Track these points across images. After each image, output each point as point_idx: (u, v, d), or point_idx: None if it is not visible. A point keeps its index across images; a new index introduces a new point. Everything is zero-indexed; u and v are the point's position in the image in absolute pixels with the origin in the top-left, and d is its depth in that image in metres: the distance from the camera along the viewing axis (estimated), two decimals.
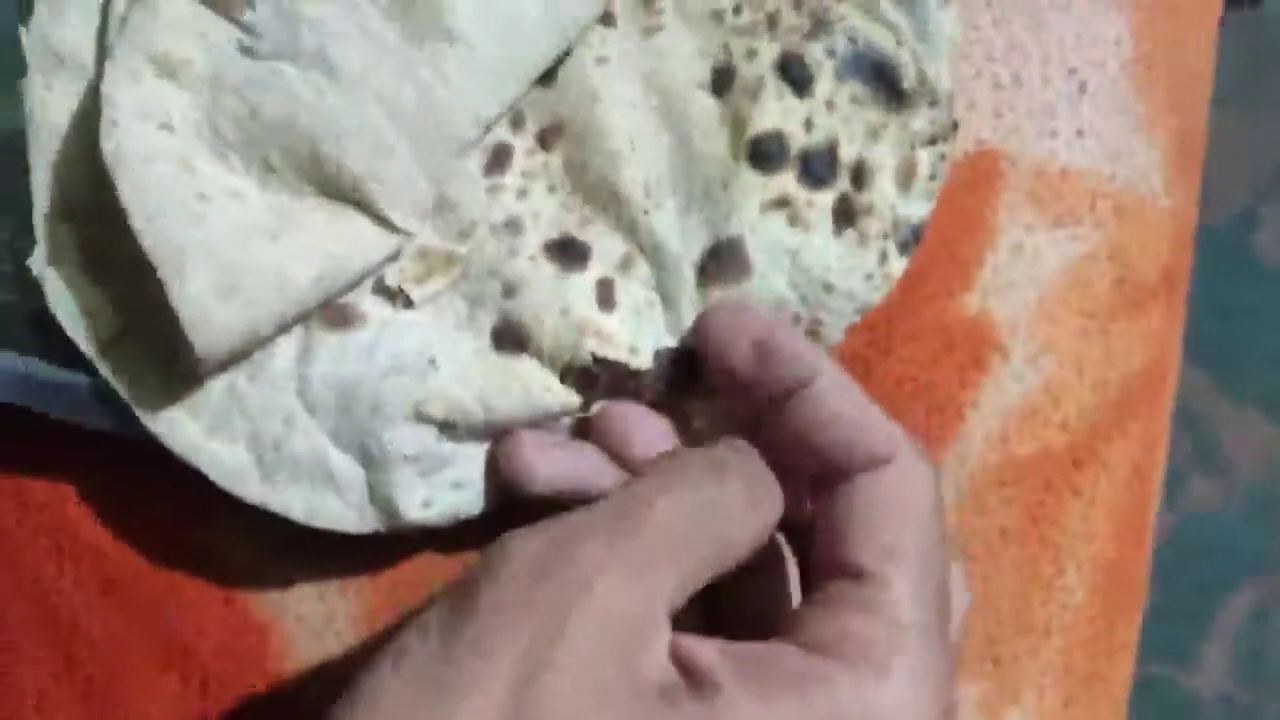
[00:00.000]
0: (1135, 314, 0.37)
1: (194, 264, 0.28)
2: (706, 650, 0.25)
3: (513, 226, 0.31)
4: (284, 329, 0.30)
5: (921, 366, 0.36)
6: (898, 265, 0.33)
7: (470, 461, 0.31)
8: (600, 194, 0.32)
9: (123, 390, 0.30)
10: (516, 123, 0.32)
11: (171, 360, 0.29)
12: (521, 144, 0.32)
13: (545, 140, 0.32)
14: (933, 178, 0.32)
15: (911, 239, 0.33)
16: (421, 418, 0.31)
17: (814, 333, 0.32)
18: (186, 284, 0.28)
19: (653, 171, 0.32)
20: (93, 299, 0.30)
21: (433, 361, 0.31)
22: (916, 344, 0.36)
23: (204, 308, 0.28)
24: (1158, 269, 0.37)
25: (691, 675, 0.25)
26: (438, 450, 0.31)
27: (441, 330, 0.31)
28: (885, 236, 0.32)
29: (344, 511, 0.31)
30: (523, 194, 0.32)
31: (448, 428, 0.31)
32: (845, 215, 0.32)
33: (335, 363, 0.30)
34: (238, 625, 0.34)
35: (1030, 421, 0.37)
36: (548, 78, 0.32)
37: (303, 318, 0.30)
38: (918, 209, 0.32)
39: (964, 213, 0.36)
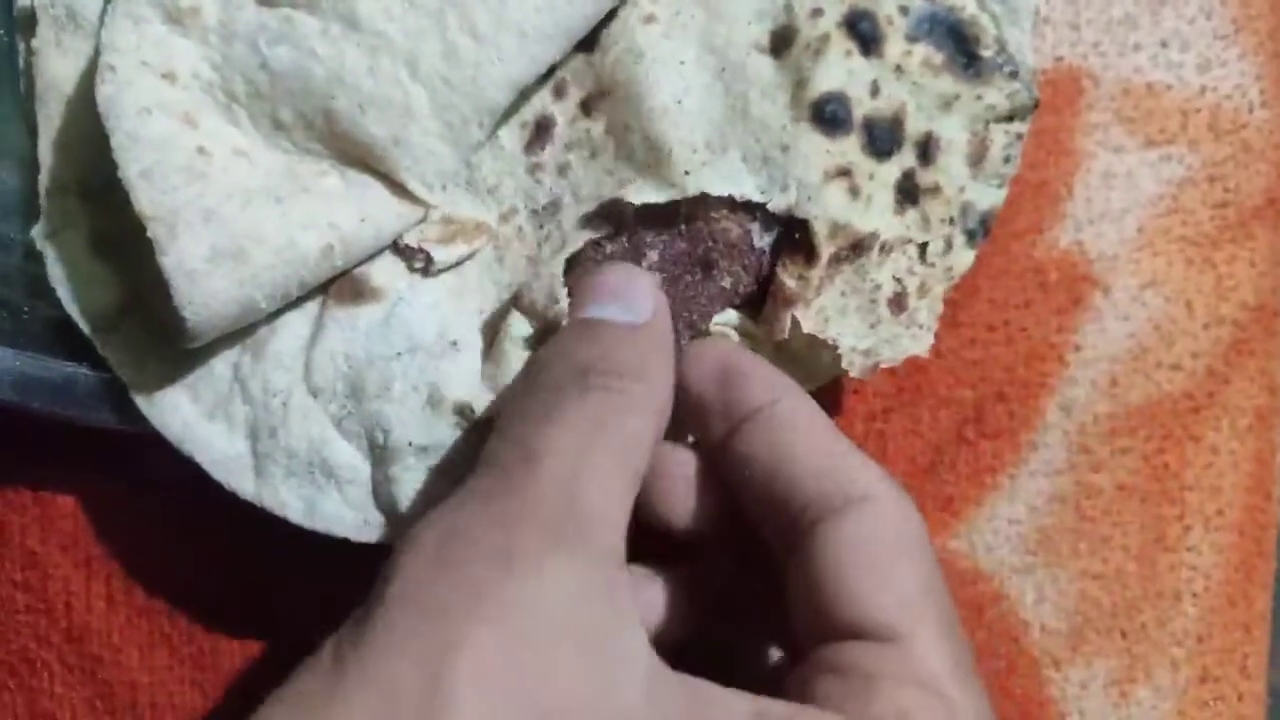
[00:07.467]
0: (1241, 239, 0.33)
1: (189, 224, 0.25)
2: (740, 706, 0.22)
3: (552, 208, 0.29)
4: (284, 302, 0.27)
5: (1014, 309, 0.33)
6: (963, 258, 0.29)
7: None
8: (643, 154, 0.28)
9: (118, 368, 0.27)
10: (559, 91, 0.29)
11: (171, 338, 0.27)
12: (563, 113, 0.29)
13: (588, 106, 0.29)
14: (1006, 160, 0.29)
15: (980, 230, 0.29)
16: (435, 402, 0.27)
17: None
18: (179, 245, 0.25)
19: (703, 131, 0.28)
20: (95, 274, 0.28)
21: (454, 344, 0.28)
22: (1006, 284, 0.33)
23: (197, 272, 0.25)
24: (1260, 189, 0.33)
25: None
26: (452, 441, 0.27)
27: (465, 313, 0.28)
28: (950, 222, 0.28)
29: (342, 511, 0.28)
30: (563, 169, 0.29)
31: (465, 414, 0.27)
32: (908, 193, 0.28)
33: (345, 340, 0.27)
34: (281, 654, 0.32)
35: (1141, 364, 0.33)
36: (590, 43, 0.29)
37: (306, 291, 0.27)
38: (988, 196, 0.29)
39: (1047, 137, 0.33)
